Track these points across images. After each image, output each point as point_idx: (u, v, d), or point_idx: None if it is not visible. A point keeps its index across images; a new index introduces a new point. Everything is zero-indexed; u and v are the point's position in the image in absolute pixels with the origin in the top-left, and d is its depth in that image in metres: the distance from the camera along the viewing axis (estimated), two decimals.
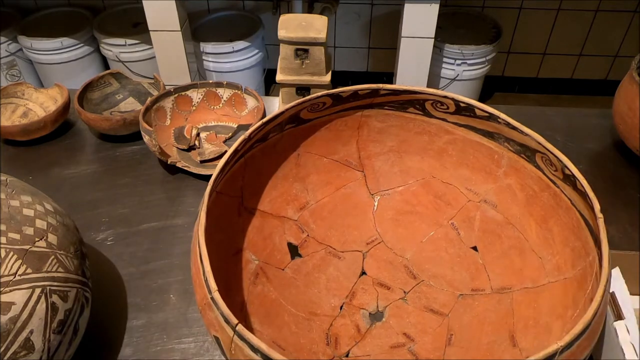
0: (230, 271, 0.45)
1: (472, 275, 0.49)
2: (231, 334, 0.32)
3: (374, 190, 0.55)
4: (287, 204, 0.52)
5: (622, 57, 1.91)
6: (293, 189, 0.52)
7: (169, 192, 0.65)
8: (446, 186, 0.52)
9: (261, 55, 1.78)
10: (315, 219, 0.53)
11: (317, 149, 0.52)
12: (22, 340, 0.36)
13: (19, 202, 0.41)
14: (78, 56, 1.72)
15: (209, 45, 1.66)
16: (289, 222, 0.51)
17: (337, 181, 0.54)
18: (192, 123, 0.71)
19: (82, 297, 0.42)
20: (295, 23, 0.64)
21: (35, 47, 1.67)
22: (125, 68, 1.69)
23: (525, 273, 0.46)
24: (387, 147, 0.53)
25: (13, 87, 0.75)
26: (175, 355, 0.48)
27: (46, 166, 0.69)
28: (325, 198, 0.54)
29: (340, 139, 0.52)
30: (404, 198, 0.54)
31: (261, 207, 0.50)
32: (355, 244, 0.53)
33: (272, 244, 0.50)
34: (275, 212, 0.51)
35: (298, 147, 0.51)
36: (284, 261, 0.50)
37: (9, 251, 0.37)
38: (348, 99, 0.49)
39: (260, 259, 0.48)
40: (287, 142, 0.50)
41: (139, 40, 1.66)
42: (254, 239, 0.49)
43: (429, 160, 0.53)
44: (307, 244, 0.52)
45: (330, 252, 0.52)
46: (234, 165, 0.45)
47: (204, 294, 0.34)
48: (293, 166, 0.52)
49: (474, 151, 0.49)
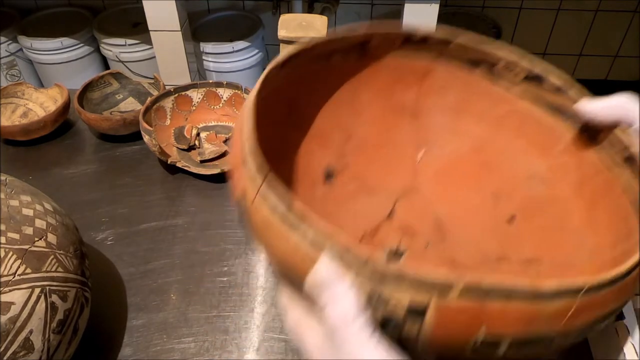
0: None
1: (501, 244, 0.48)
2: (260, 182, 0.31)
3: (421, 142, 0.53)
4: (333, 131, 0.51)
5: (622, 57, 1.91)
6: (343, 118, 0.51)
7: (169, 192, 0.65)
8: (497, 154, 0.51)
9: (261, 55, 1.78)
10: (357, 153, 0.52)
11: (376, 86, 0.51)
12: (22, 340, 0.36)
13: (19, 202, 0.41)
14: (78, 56, 1.72)
15: (209, 45, 1.66)
16: (331, 148, 0.51)
17: (387, 123, 0.53)
18: (192, 123, 0.71)
19: (82, 297, 0.42)
20: (295, 23, 0.64)
21: (35, 47, 1.67)
22: (125, 68, 1.69)
23: (559, 250, 0.44)
24: (447, 104, 0.52)
25: (13, 87, 0.75)
26: (175, 355, 0.48)
27: (46, 166, 0.69)
28: (372, 136, 0.53)
29: (402, 82, 0.51)
30: (450, 158, 0.53)
31: (306, 126, 0.49)
32: (390, 187, 0.52)
33: (308, 163, 0.49)
34: (320, 135, 0.50)
35: (358, 78, 0.50)
36: (316, 183, 0.49)
37: (9, 251, 0.37)
38: (419, 43, 0.48)
39: (294, 175, 0.47)
40: (349, 69, 0.49)
41: (139, 40, 1.66)
42: (290, 153, 0.48)
43: (485, 126, 0.51)
44: (343, 173, 0.51)
45: (363, 187, 0.52)
46: (290, 73, 0.43)
47: (239, 148, 0.34)
48: (349, 96, 0.51)
49: (534, 124, 0.47)
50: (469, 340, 0.30)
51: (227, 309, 0.52)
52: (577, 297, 0.29)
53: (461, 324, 0.29)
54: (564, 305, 0.29)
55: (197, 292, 0.53)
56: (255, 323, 0.51)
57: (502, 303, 0.28)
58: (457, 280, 0.28)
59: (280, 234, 0.30)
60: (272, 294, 0.53)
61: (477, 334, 0.29)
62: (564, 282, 0.28)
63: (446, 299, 0.28)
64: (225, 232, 0.60)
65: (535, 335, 0.30)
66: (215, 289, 0.54)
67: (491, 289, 0.28)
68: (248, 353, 0.48)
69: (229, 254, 0.57)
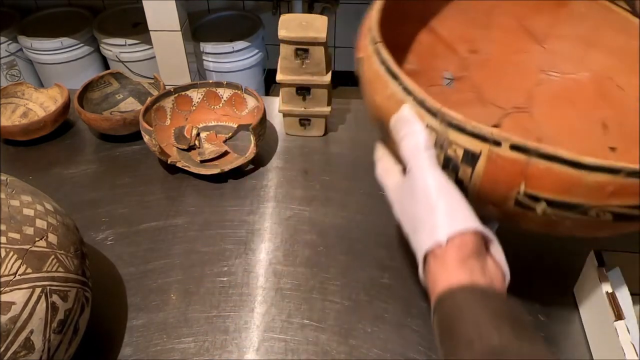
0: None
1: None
2: (376, 42, 0.41)
3: (544, 68, 0.57)
4: (462, 41, 0.57)
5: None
6: (473, 32, 0.57)
7: (169, 192, 0.65)
8: (617, 88, 0.52)
9: (261, 55, 1.78)
10: (479, 66, 0.58)
11: (511, 7, 0.55)
12: (22, 340, 0.36)
13: (19, 202, 0.41)
14: (78, 56, 1.72)
15: (209, 45, 1.66)
16: (456, 54, 0.57)
17: (514, 44, 0.57)
18: (192, 123, 0.71)
19: (82, 297, 0.42)
20: (295, 23, 0.64)
21: (35, 47, 1.67)
22: (125, 68, 1.69)
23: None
24: (577, 33, 0.54)
25: (13, 87, 0.75)
26: (175, 355, 0.48)
27: (46, 166, 0.69)
28: (497, 53, 0.58)
29: (536, 7, 0.55)
30: (569, 85, 0.55)
31: (439, 30, 0.56)
32: (503, 103, 0.57)
33: (433, 63, 0.56)
34: (449, 41, 0.57)
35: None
36: (435, 82, 0.55)
37: (9, 251, 0.37)
38: None
39: (418, 67, 0.54)
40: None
41: (139, 40, 1.66)
42: (420, 50, 0.55)
43: (613, 61, 0.52)
44: (462, 81, 0.57)
45: (478, 98, 0.57)
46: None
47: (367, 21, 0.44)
48: (482, 13, 0.56)
49: None
50: (512, 190, 0.36)
51: (227, 309, 0.52)
52: (616, 177, 0.33)
53: (506, 175, 0.35)
54: (604, 180, 0.33)
55: (197, 292, 0.53)
56: (255, 323, 0.51)
57: (545, 163, 0.34)
58: (507, 137, 0.34)
59: (383, 83, 0.40)
60: (272, 294, 0.53)
61: (520, 187, 0.35)
62: (605, 161, 0.33)
63: (495, 151, 0.35)
64: (225, 232, 0.60)
65: (573, 202, 0.35)
66: (215, 289, 0.54)
67: (535, 149, 0.34)
68: (248, 353, 0.48)
69: (229, 254, 0.57)
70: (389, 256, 0.56)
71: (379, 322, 0.50)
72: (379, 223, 0.60)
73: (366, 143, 0.72)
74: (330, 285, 0.54)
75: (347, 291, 0.53)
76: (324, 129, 0.73)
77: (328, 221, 0.61)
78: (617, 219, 0.36)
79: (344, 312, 0.51)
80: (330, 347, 0.49)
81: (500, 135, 0.34)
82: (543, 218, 0.38)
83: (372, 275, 0.55)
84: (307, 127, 0.73)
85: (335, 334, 0.50)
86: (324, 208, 0.62)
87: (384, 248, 0.57)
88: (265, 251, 0.57)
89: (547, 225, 0.39)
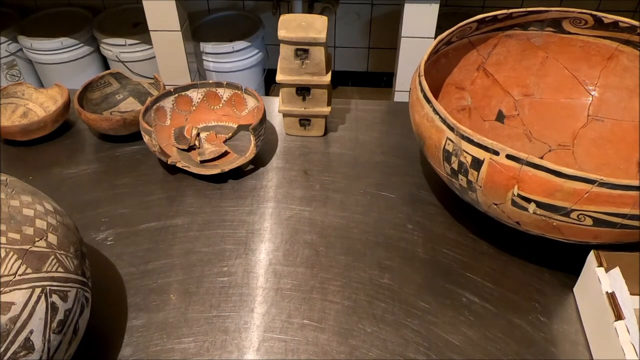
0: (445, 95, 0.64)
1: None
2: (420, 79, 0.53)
3: (590, 112, 0.63)
4: (516, 86, 0.66)
5: None
6: (527, 78, 0.66)
7: (169, 192, 0.65)
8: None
9: (261, 55, 1.78)
10: (530, 108, 0.66)
11: (565, 59, 0.63)
12: (22, 340, 0.36)
13: (19, 202, 0.41)
14: (78, 56, 1.73)
15: (209, 45, 1.67)
16: (510, 97, 0.65)
17: (565, 92, 0.65)
18: (192, 123, 0.71)
19: (82, 297, 0.42)
20: (295, 23, 0.64)
21: (35, 47, 1.67)
22: (125, 68, 1.69)
23: None
24: (624, 84, 0.60)
25: (13, 87, 0.75)
26: (175, 355, 0.48)
27: (46, 166, 0.69)
28: (548, 98, 0.65)
29: (588, 61, 0.62)
30: (614, 129, 0.61)
31: (496, 75, 0.65)
32: (548, 140, 0.64)
33: (488, 102, 0.65)
34: (504, 85, 0.66)
35: (550, 50, 0.64)
36: (488, 118, 0.64)
37: (9, 251, 0.37)
38: (608, 27, 0.59)
39: (473, 104, 0.64)
40: (543, 41, 0.63)
41: (139, 40, 1.67)
42: (476, 90, 0.65)
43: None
44: (514, 119, 0.66)
45: (526, 133, 0.64)
46: (496, 31, 0.61)
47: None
48: (538, 62, 0.65)
49: None
50: (507, 192, 0.45)
51: (227, 309, 0.52)
52: (592, 185, 0.40)
53: (503, 178, 0.45)
54: (580, 188, 0.41)
55: (197, 292, 0.53)
56: (255, 323, 0.51)
57: (533, 171, 0.43)
58: (503, 148, 0.44)
59: (421, 105, 0.51)
60: (272, 294, 0.53)
61: (514, 189, 0.44)
62: (581, 172, 0.40)
63: (494, 158, 0.44)
64: (225, 232, 0.60)
65: (556, 204, 0.43)
66: (215, 289, 0.54)
67: (526, 160, 0.43)
68: (248, 353, 0.48)
69: (228, 254, 0.57)
70: (389, 256, 0.56)
71: (379, 322, 0.50)
72: (379, 223, 0.60)
73: (366, 143, 0.72)
74: (330, 285, 0.54)
75: (347, 291, 0.53)
76: (324, 129, 0.73)
77: (328, 221, 0.61)
78: (596, 224, 0.43)
79: (344, 312, 0.51)
80: (330, 347, 0.49)
81: (499, 147, 0.44)
82: (537, 219, 0.45)
83: (372, 275, 0.55)
84: (307, 127, 0.73)
85: (335, 334, 0.50)
86: (324, 208, 0.62)
87: (384, 248, 0.57)
88: (265, 251, 0.57)
89: (542, 228, 0.47)
